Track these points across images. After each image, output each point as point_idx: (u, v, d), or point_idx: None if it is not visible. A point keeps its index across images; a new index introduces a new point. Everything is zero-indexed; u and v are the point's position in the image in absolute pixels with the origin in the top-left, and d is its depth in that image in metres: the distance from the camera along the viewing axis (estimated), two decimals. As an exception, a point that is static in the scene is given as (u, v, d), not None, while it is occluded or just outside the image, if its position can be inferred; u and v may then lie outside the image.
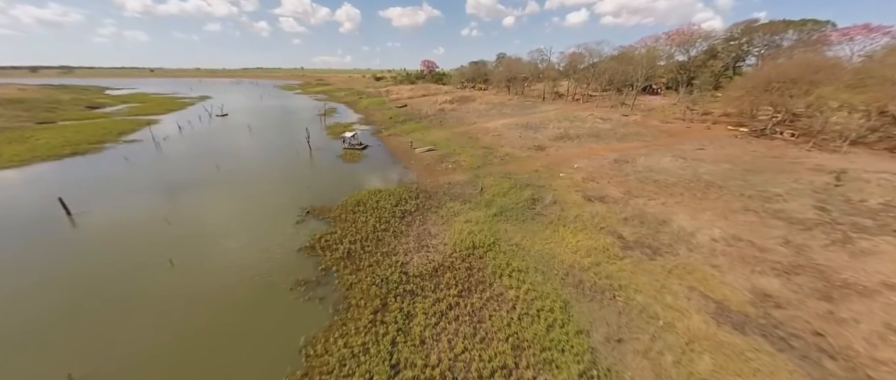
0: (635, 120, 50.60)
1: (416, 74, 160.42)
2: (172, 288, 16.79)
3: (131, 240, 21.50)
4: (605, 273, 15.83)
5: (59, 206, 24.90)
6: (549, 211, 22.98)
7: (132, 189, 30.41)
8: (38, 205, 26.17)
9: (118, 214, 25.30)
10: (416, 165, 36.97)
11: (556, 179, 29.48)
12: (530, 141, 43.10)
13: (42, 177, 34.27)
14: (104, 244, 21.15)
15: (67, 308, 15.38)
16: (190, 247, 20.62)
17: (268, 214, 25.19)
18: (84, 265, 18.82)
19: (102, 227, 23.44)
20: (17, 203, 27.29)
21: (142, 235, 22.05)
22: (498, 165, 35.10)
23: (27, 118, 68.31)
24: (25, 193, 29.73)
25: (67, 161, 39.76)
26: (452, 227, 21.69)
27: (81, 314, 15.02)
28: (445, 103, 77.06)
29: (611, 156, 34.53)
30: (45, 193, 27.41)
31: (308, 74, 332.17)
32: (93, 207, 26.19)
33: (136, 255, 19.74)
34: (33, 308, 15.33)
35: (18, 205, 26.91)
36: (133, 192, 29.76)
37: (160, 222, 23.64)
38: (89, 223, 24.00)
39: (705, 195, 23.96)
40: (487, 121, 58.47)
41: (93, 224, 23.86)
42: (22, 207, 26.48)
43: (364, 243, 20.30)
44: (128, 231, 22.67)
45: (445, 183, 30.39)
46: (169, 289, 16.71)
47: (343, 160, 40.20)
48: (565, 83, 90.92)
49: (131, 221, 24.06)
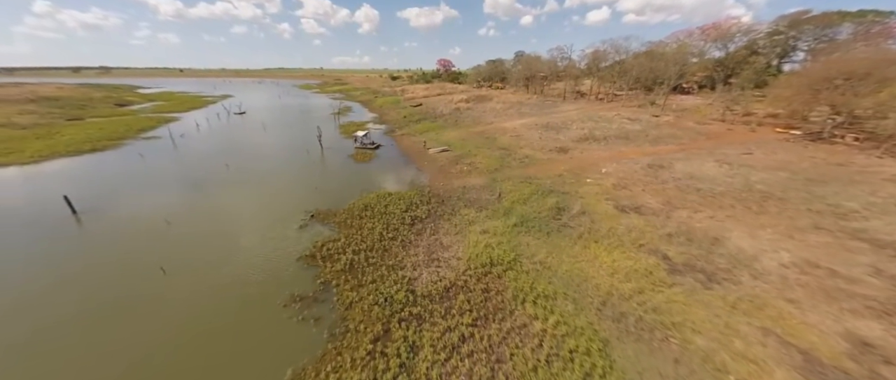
0: (667, 121, 46.58)
1: (432, 74, 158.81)
2: (158, 301, 15.31)
3: (129, 242, 20.42)
4: (652, 305, 13.10)
5: (66, 204, 24.35)
6: (577, 222, 20.27)
7: (141, 188, 29.81)
8: (47, 202, 25.75)
9: (121, 213, 24.49)
10: (429, 167, 34.87)
11: (583, 185, 26.61)
12: (552, 142, 40.14)
13: (59, 173, 34.42)
14: (102, 246, 20.15)
15: (52, 312, 14.15)
16: (185, 252, 19.26)
17: (271, 216, 23.69)
18: (81, 266, 17.75)
19: (104, 227, 22.58)
20: (30, 200, 27.06)
21: (140, 238, 20.95)
22: (517, 168, 32.47)
23: (59, 115, 71.00)
24: (38, 190, 29.63)
25: (86, 158, 40.10)
26: (467, 238, 19.38)
27: (59, 324, 13.72)
28: (461, 102, 74.71)
29: (643, 160, 31.21)
30: (59, 189, 27.00)
31: (327, 74, 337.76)
32: (99, 206, 25.57)
33: (128, 259, 18.53)
34: (35, 307, 14.19)
35: (30, 202, 26.65)
36: (141, 190, 29.12)
37: (161, 223, 22.55)
38: (93, 222, 23.25)
39: (763, 209, 20.57)
40: (505, 120, 55.73)
41: (96, 223, 23.09)
42: (32, 204, 26.18)
43: (369, 254, 18.32)
44: (127, 232, 21.67)
45: (460, 187, 28.10)
46: (153, 302, 15.24)
47: (354, 160, 38.63)
48: (588, 82, 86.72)
49: (132, 222, 23.11)
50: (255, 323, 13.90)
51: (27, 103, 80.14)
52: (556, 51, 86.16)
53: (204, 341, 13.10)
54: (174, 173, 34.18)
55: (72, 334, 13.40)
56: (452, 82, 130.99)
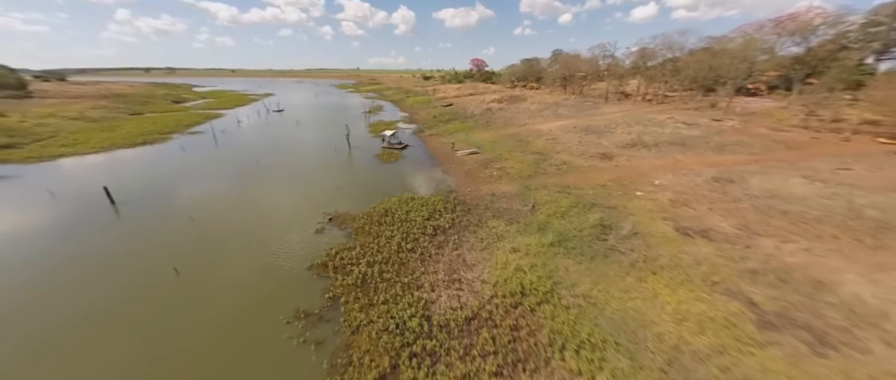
0: (733, 126, 40.49)
1: (465, 74, 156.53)
2: (164, 305, 14.56)
3: (152, 239, 20.36)
4: (741, 373, 9.85)
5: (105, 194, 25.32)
6: (627, 246, 17.01)
7: (177, 181, 30.68)
8: (95, 191, 26.94)
9: (152, 206, 24.96)
10: (456, 170, 32.68)
11: (632, 198, 22.97)
12: (593, 147, 36.22)
13: (113, 162, 36.73)
14: (128, 239, 20.27)
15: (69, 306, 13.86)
16: (202, 253, 18.70)
17: (290, 217, 22.84)
18: (103, 259, 17.76)
19: (135, 219, 23.00)
20: (80, 188, 28.67)
21: (162, 234, 20.88)
22: (553, 175, 29.27)
23: (123, 110, 78.12)
24: (91, 178, 31.43)
25: (138, 150, 42.80)
26: (495, 256, 16.92)
27: (68, 320, 13.31)
28: (493, 102, 71.71)
29: (706, 172, 26.67)
30: (107, 179, 28.22)
31: (363, 75, 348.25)
32: (137, 197, 26.36)
33: (147, 257, 18.27)
34: (65, 297, 14.08)
35: (79, 191, 28.18)
36: (176, 184, 29.91)
37: (185, 220, 22.50)
38: (127, 213, 23.84)
39: (880, 242, 15.96)
40: (540, 122, 52.09)
41: (129, 215, 23.62)
42: (81, 192, 27.64)
43: (384, 267, 16.52)
44: (153, 227, 21.77)
45: (488, 194, 25.61)
46: (159, 306, 14.50)
47: (380, 160, 37.47)
48: (633, 82, 79.81)
49: (160, 216, 23.35)
50: (252, 341, 12.55)
51: (100, 99, 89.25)
52: (597, 48, 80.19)
53: (193, 359, 11.92)
54: (209, 168, 35.06)
55: (56, 336, 12.88)
56: (485, 82, 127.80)
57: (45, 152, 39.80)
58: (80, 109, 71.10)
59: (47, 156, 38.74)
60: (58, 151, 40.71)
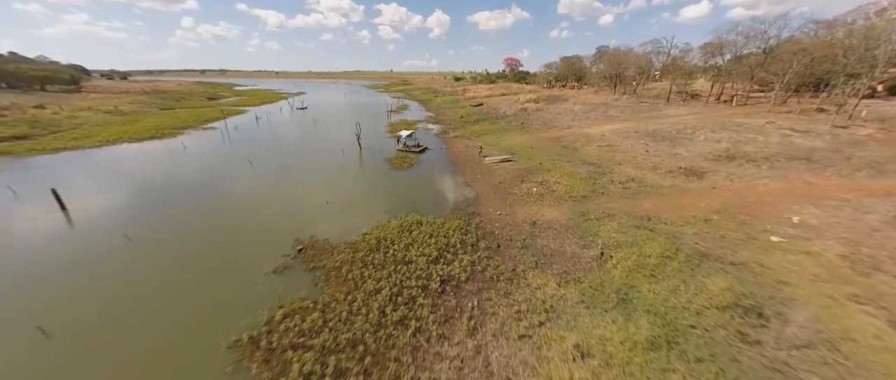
0: (868, 135, 29.18)
1: (497, 74, 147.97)
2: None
3: (79, 257, 15.08)
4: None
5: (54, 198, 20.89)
6: (811, 359, 8.58)
7: (150, 183, 26.14)
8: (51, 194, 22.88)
9: (106, 217, 20.06)
10: (482, 182, 25.20)
11: (768, 248, 14.13)
12: (669, 159, 27.05)
13: (110, 157, 33.59)
14: (52, 261, 15.11)
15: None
16: (86, 303, 12.83)
17: (250, 243, 16.71)
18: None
19: (72, 234, 18.10)
20: (42, 190, 24.90)
21: (90, 252, 15.58)
22: (620, 197, 20.81)
23: (156, 105, 79.28)
24: (67, 176, 27.83)
25: (141, 145, 39.93)
26: (544, 363, 9.25)
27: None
28: (529, 102, 63.12)
29: (875, 204, 16.94)
30: (83, 177, 24.26)
31: (395, 76, 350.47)
32: (94, 204, 21.79)
33: (23, 297, 12.74)
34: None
35: (40, 193, 24.36)
36: (147, 187, 25.30)
37: (120, 237, 17.15)
38: (78, 220, 19.10)
39: None
40: (588, 125, 43.04)
41: (76, 223, 18.84)
42: (40, 195, 23.72)
43: (348, 356, 9.55)
44: (88, 246, 16.60)
45: (527, 221, 17.88)
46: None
47: (391, 166, 30.92)
48: (699, 81, 67.49)
49: (94, 231, 18.23)
50: None
51: (141, 95, 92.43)
52: (650, 44, 68.72)
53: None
54: (197, 168, 30.53)
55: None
56: (519, 82, 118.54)
57: (51, 145, 37.86)
58: (116, 104, 72.64)
59: (51, 149, 36.65)
60: (65, 143, 38.77)
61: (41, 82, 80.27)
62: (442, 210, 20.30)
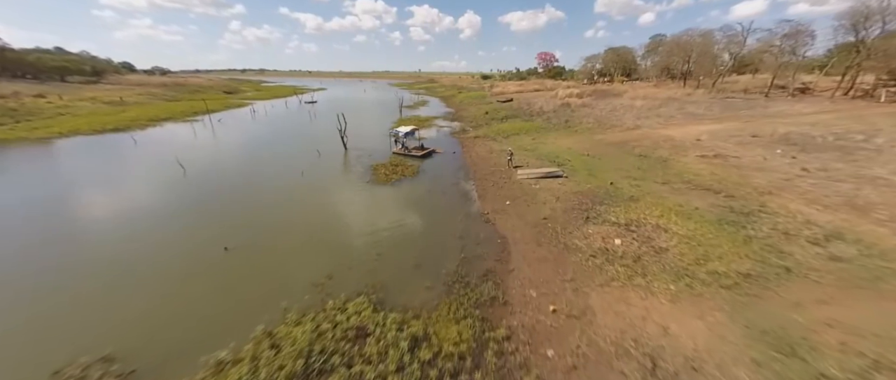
0: None
1: (528, 71, 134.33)
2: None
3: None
4: None
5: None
6: None
7: (63, 188, 17.95)
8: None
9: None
10: (514, 215, 14.31)
11: None
12: (869, 187, 14.53)
13: (45, 153, 26.50)
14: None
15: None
16: None
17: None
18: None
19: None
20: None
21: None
22: (839, 284, 9.05)
23: (163, 97, 75.80)
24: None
25: (98, 138, 33.23)
26: None
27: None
28: (572, 97, 50.78)
29: None
30: None
31: (423, 76, 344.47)
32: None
33: None
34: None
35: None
36: (51, 196, 17.07)
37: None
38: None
39: None
40: (664, 125, 30.51)
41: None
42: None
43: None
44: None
45: (621, 341, 6.79)
46: None
47: (372, 177, 20.73)
48: (810, 75, 51.90)
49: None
50: None
51: (157, 88, 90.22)
52: (719, 32, 53.42)
53: None
54: (123, 174, 22.36)
55: None
56: (553, 79, 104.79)
57: (12, 135, 32.17)
58: (123, 95, 69.19)
59: (11, 138, 30.86)
60: (24, 134, 32.99)
61: (61, 73, 79.56)
62: (429, 286, 9.72)
